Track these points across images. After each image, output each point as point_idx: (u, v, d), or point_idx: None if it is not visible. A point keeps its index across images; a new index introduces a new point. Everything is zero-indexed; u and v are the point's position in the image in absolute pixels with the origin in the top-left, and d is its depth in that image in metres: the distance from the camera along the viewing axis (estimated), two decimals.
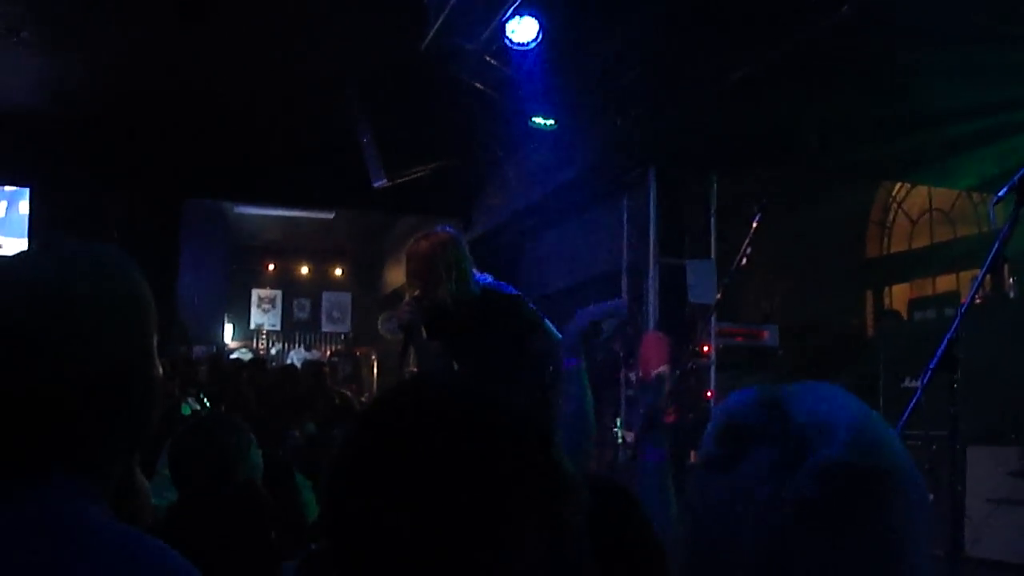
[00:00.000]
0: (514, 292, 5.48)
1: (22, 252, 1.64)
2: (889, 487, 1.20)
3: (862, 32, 7.00)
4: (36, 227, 12.67)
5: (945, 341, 3.65)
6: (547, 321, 5.44)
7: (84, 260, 1.55)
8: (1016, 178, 3.77)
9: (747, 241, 6.05)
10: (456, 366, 5.57)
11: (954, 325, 3.70)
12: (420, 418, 1.26)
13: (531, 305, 5.45)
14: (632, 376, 8.98)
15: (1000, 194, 3.80)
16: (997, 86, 7.80)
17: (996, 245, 3.75)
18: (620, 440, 8.49)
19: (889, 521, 1.19)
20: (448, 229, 5.48)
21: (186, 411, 8.37)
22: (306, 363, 12.53)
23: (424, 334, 5.44)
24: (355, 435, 1.32)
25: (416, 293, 5.30)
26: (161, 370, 1.62)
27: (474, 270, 5.40)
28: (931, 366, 3.68)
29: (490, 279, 5.51)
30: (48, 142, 12.01)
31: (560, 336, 5.48)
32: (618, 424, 8.67)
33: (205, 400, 8.66)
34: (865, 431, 1.21)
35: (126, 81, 10.94)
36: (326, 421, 8.03)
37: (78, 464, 1.47)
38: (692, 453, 8.60)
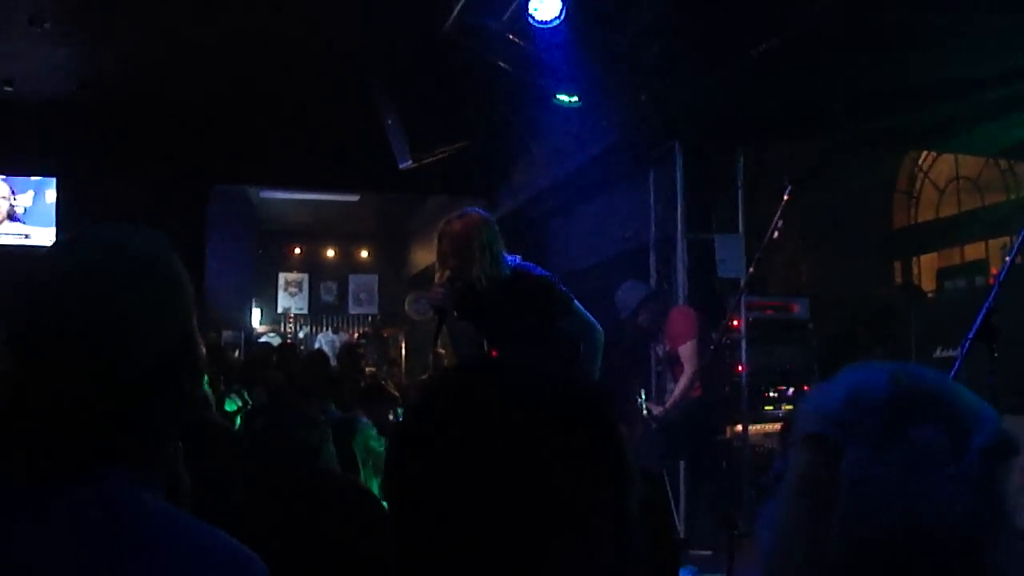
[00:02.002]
0: (545, 273, 5.48)
1: (59, 243, 1.64)
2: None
3: (886, 1, 6.95)
4: (63, 216, 12.72)
5: (984, 310, 3.63)
6: (577, 303, 5.44)
7: (122, 247, 1.56)
8: None
9: (778, 214, 6.04)
10: (486, 347, 5.57)
11: (992, 294, 3.67)
12: (491, 401, 1.22)
13: (561, 287, 5.44)
14: (659, 350, 8.98)
15: None
16: (1022, 52, 7.73)
17: None
18: (646, 413, 8.47)
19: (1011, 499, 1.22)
20: (479, 211, 5.48)
21: (231, 407, 8.36)
22: (343, 346, 12.57)
23: (455, 315, 5.45)
24: (422, 420, 1.28)
25: (448, 274, 5.30)
26: (204, 349, 1.63)
27: (504, 252, 5.40)
28: (970, 336, 3.65)
29: (519, 260, 5.51)
30: (74, 131, 12.06)
31: (590, 317, 5.50)
32: (643, 396, 8.65)
33: (247, 395, 8.66)
34: (987, 406, 1.25)
35: (150, 68, 10.96)
36: (353, 403, 8.04)
37: (130, 451, 1.48)
38: (727, 428, 8.61)
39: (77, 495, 1.42)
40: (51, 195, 12.99)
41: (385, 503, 1.34)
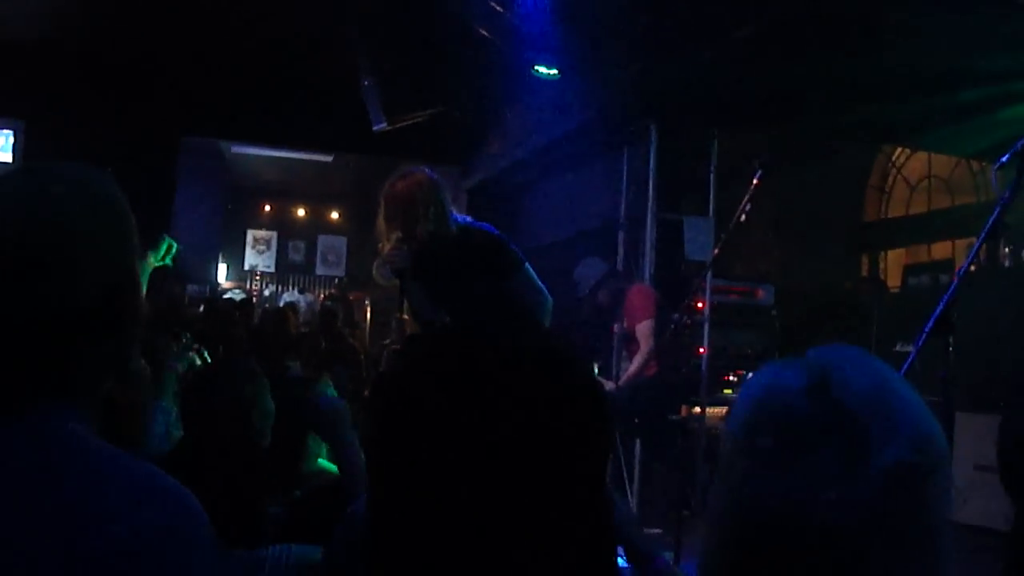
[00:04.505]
0: (495, 231, 5.44)
1: (6, 172, 1.62)
2: (941, 480, 1.20)
3: None
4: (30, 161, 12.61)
5: (942, 304, 3.63)
6: (527, 265, 5.41)
7: (64, 183, 1.54)
8: (1019, 144, 3.74)
9: (747, 197, 6.04)
10: (436, 307, 5.53)
11: (951, 288, 3.68)
12: (477, 367, 1.19)
13: (512, 246, 5.40)
14: (616, 328, 8.98)
15: (1003, 160, 3.76)
16: (1002, 54, 7.75)
17: (996, 211, 3.72)
18: None
19: (937, 514, 1.20)
20: (424, 169, 5.45)
21: (184, 366, 8.28)
22: (322, 307, 12.63)
23: (411, 276, 5.41)
24: (403, 388, 1.24)
25: (398, 235, 5.27)
26: (144, 291, 1.62)
27: (453, 211, 5.38)
28: (926, 329, 3.66)
29: (469, 219, 5.50)
30: (43, 76, 11.91)
31: (539, 282, 5.46)
32: (595, 370, 8.63)
33: (206, 354, 8.60)
34: (921, 419, 1.21)
35: (124, 15, 10.85)
36: (318, 364, 8.01)
37: (65, 388, 1.47)
38: (683, 408, 8.62)
39: (13, 428, 1.41)
40: (17, 139, 12.88)
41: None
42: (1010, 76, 8.10)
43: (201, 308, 13.12)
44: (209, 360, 8.35)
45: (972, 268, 4.03)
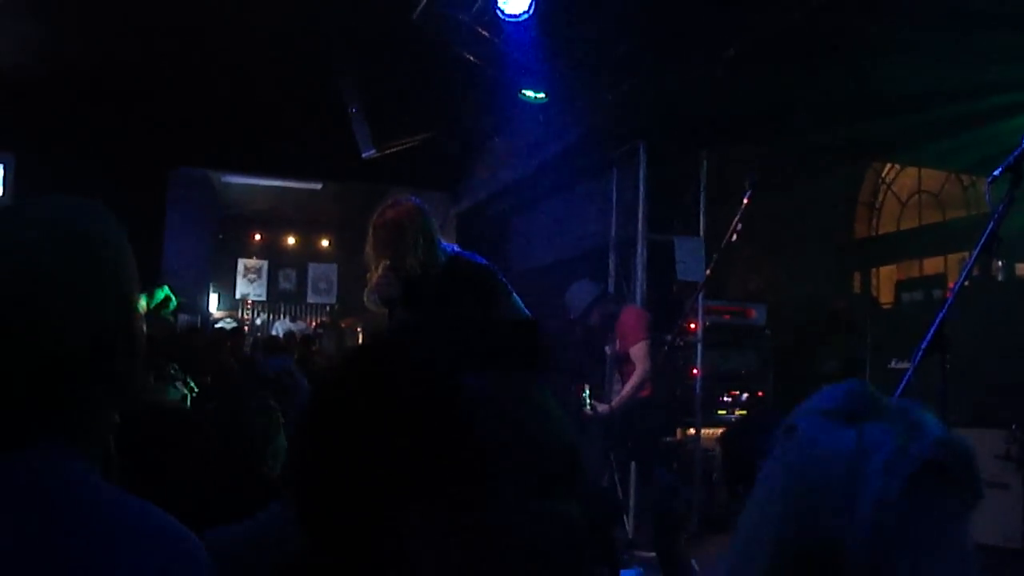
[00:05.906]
0: (483, 261, 5.44)
1: None
2: (966, 500, 1.31)
3: (856, 11, 6.96)
4: (19, 195, 12.57)
5: (937, 321, 3.61)
6: (515, 296, 5.40)
7: (60, 219, 1.51)
8: (1012, 158, 3.73)
9: (738, 217, 6.02)
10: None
11: (946, 305, 3.66)
12: (376, 382, 1.18)
13: (501, 276, 5.40)
14: (608, 350, 8.95)
15: (996, 173, 3.75)
16: (989, 68, 7.77)
17: (991, 225, 3.70)
18: (590, 410, 8.40)
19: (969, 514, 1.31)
20: (413, 199, 5.45)
21: (174, 395, 8.25)
22: (302, 336, 12.62)
23: (401, 305, 5.41)
24: (314, 401, 1.24)
25: (386, 264, 5.27)
26: (145, 325, 1.59)
27: (441, 240, 5.38)
28: (922, 346, 3.64)
29: (457, 249, 5.49)
30: (34, 108, 11.90)
31: (527, 312, 5.45)
32: (587, 392, 8.60)
33: (192, 384, 8.57)
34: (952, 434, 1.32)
35: (113, 47, 10.84)
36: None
37: (66, 428, 1.44)
38: (678, 431, 8.59)
39: (10, 466, 1.39)
40: (7, 172, 12.85)
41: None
42: (998, 90, 8.12)
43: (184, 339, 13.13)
44: (196, 389, 8.33)
45: (966, 284, 4.01)
